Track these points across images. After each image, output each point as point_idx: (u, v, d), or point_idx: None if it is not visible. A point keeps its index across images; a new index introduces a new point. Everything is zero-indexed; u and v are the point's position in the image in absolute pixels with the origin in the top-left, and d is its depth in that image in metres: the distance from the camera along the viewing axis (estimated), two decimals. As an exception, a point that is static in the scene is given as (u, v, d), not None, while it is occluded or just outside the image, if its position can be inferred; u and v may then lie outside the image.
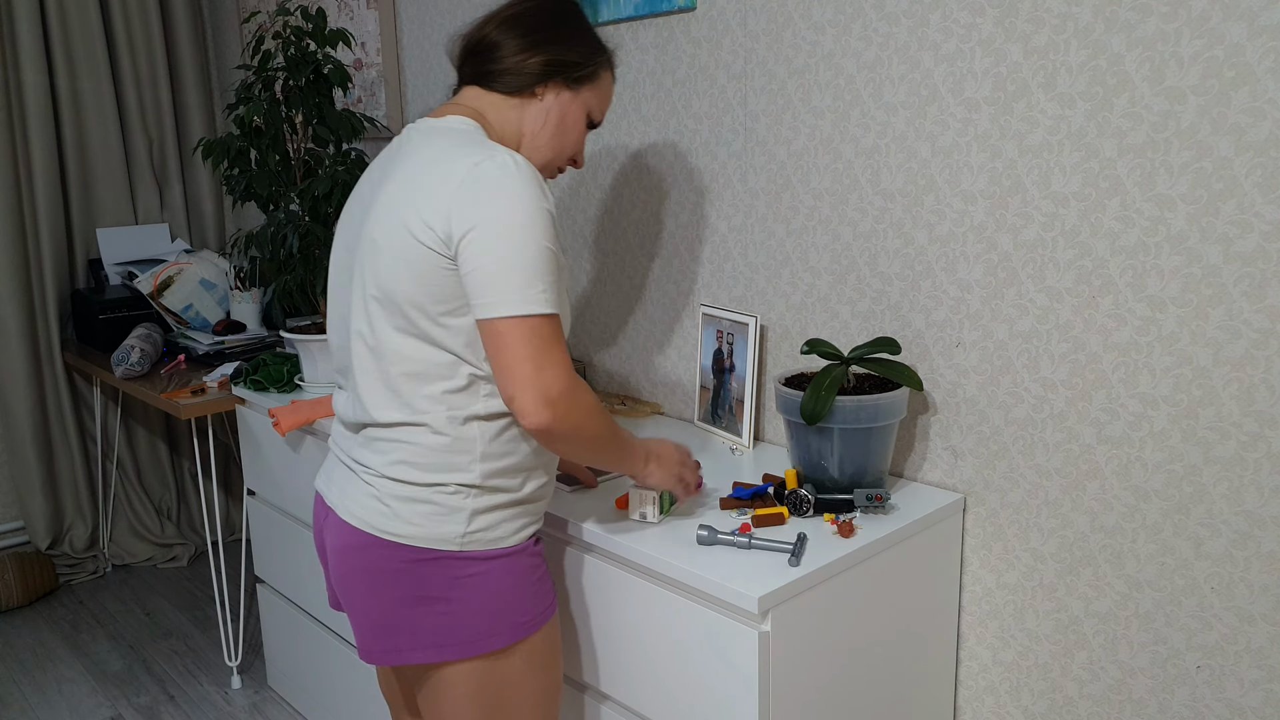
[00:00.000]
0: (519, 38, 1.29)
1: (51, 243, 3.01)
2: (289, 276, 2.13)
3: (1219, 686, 1.31)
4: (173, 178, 3.26)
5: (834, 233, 1.65)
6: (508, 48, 1.29)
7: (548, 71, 1.29)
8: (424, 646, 1.23)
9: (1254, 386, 1.22)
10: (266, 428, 2.18)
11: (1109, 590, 1.40)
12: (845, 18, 1.56)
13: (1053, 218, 1.37)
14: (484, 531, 1.23)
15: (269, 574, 2.36)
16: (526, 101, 1.30)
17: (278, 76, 2.18)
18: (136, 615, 2.96)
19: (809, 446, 1.46)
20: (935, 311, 1.53)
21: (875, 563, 1.37)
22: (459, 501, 1.22)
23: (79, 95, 3.05)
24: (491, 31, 1.30)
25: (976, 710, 1.60)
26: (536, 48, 1.28)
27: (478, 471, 1.22)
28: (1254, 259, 1.20)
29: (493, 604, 1.24)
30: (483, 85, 1.30)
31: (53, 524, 3.13)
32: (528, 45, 1.28)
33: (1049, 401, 1.41)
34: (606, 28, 1.97)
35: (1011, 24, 1.37)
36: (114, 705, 2.48)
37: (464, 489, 1.22)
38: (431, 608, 1.22)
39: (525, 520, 1.28)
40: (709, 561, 1.29)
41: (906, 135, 1.52)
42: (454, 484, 1.22)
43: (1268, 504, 1.23)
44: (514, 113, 1.30)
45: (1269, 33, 1.15)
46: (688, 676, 1.32)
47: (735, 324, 1.76)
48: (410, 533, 1.22)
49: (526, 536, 1.28)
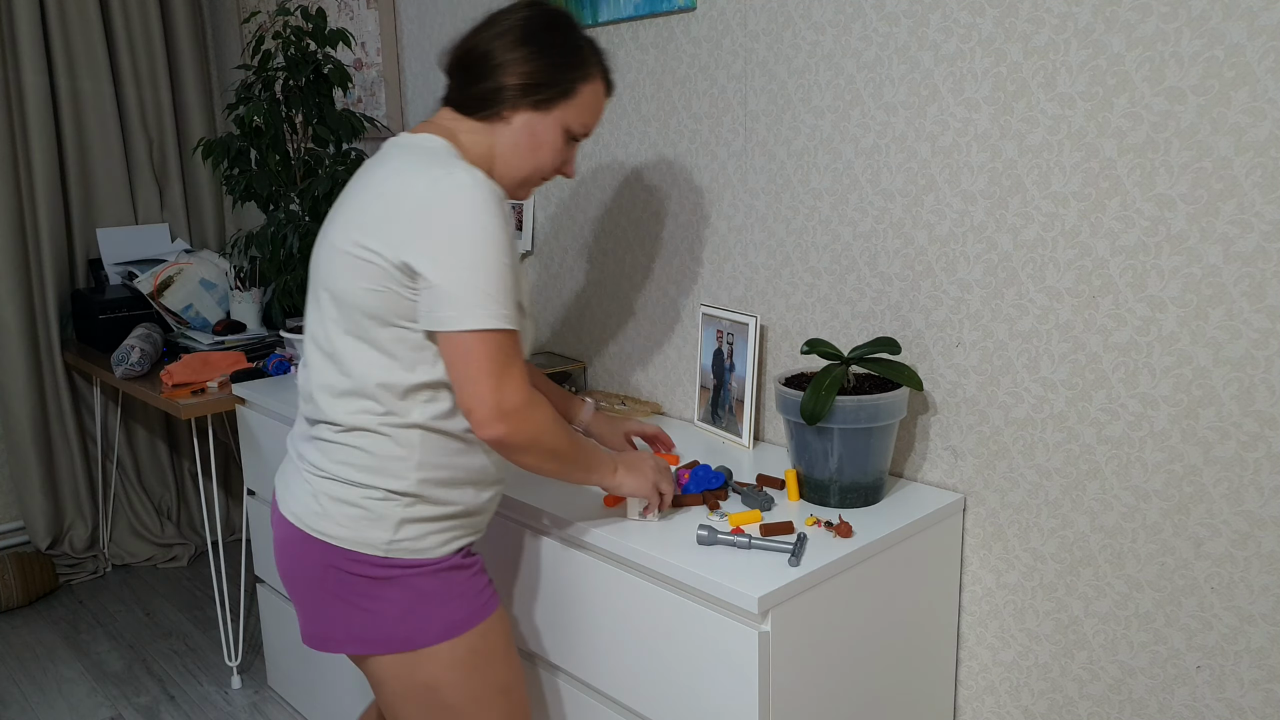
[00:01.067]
0: (484, 62, 1.28)
1: (51, 243, 3.01)
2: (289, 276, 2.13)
3: (1219, 686, 1.31)
4: (173, 178, 3.26)
5: (834, 233, 1.65)
6: (475, 72, 1.29)
7: (513, 96, 1.28)
8: (353, 640, 1.28)
9: (1254, 386, 1.22)
10: (267, 428, 2.19)
11: (1109, 590, 1.40)
12: (845, 18, 1.56)
13: (1053, 218, 1.37)
14: (411, 541, 1.26)
15: (269, 574, 2.36)
16: (494, 126, 1.30)
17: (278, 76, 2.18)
18: (136, 615, 2.96)
19: (809, 446, 1.46)
20: (935, 311, 1.53)
21: (875, 563, 1.37)
22: (387, 509, 1.25)
23: (79, 95, 3.05)
24: (461, 55, 1.31)
25: (976, 710, 1.60)
26: (501, 70, 1.27)
27: (413, 479, 1.25)
28: (1254, 259, 1.20)
29: (414, 607, 1.26)
30: (455, 108, 1.32)
31: (53, 524, 3.13)
32: (492, 70, 1.28)
33: (1049, 401, 1.41)
34: (606, 27, 1.97)
35: (1011, 24, 1.37)
36: (114, 705, 2.48)
37: (395, 496, 1.25)
38: (357, 604, 1.26)
39: (456, 533, 1.30)
40: (709, 561, 1.29)
41: (906, 135, 1.52)
42: (384, 489, 1.24)
43: (1268, 504, 1.23)
44: (484, 136, 1.31)
45: (1269, 33, 1.15)
46: (688, 676, 1.32)
47: (735, 324, 1.76)
48: (337, 533, 1.25)
49: (455, 549, 1.30)
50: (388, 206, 1.18)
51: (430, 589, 1.27)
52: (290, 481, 1.33)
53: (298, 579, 1.31)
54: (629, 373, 2.09)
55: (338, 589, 1.27)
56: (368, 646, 1.27)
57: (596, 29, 1.99)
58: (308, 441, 1.32)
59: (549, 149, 1.32)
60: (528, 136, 1.30)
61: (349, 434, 1.26)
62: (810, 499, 1.49)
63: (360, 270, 1.20)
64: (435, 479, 1.26)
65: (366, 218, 1.20)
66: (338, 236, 1.24)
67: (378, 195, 1.21)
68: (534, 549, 1.54)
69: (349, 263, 1.21)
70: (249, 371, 2.36)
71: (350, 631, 1.28)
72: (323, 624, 1.30)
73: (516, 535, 1.57)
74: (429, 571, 1.27)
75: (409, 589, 1.26)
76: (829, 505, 1.47)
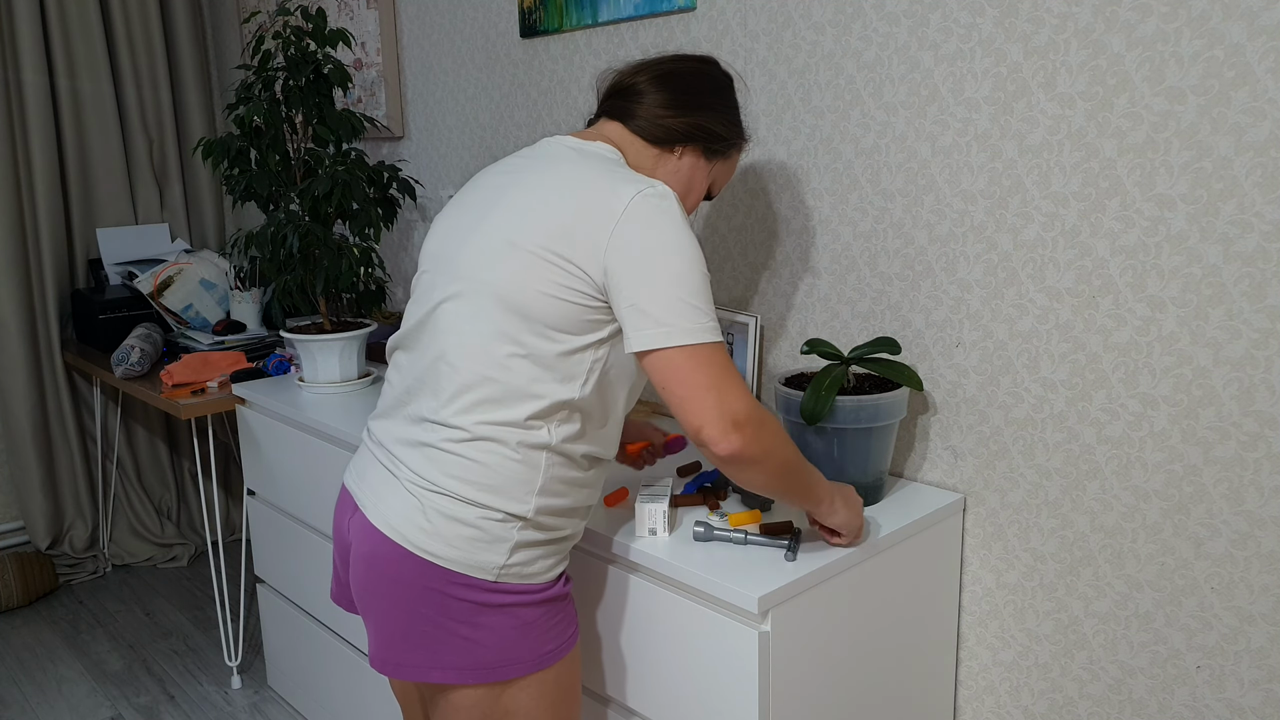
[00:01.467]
0: (672, 94, 1.30)
1: (51, 243, 3.01)
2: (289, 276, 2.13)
3: (1219, 686, 1.31)
4: (173, 178, 3.26)
5: (834, 233, 1.65)
6: (656, 99, 1.29)
7: (692, 134, 1.30)
8: (441, 667, 1.20)
9: (1254, 386, 1.22)
10: (267, 428, 2.19)
11: (1109, 590, 1.40)
12: (845, 18, 1.56)
13: (1053, 218, 1.37)
14: (521, 566, 1.20)
15: (269, 574, 2.36)
16: (664, 154, 1.31)
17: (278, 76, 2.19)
18: (136, 615, 2.96)
19: (809, 446, 1.46)
20: (935, 311, 1.53)
21: (875, 563, 1.37)
22: (504, 531, 1.18)
23: (79, 95, 3.05)
24: (644, 81, 1.31)
25: (976, 710, 1.60)
26: (687, 109, 1.30)
27: (532, 504, 1.19)
28: (1254, 259, 1.20)
29: (516, 635, 1.21)
30: (625, 124, 1.30)
31: (53, 524, 3.13)
32: (678, 104, 1.29)
33: (1049, 401, 1.42)
34: (606, 27, 1.97)
35: (1011, 24, 1.37)
36: (114, 705, 2.48)
37: (512, 519, 1.19)
38: (455, 631, 1.19)
39: (559, 558, 1.25)
40: (709, 561, 1.29)
41: (906, 135, 1.52)
42: (504, 512, 1.18)
43: (1268, 504, 1.23)
44: (649, 161, 1.30)
45: (1269, 33, 1.15)
46: (687, 676, 1.32)
47: (735, 324, 1.76)
48: (448, 554, 1.18)
49: (558, 575, 1.26)
50: (582, 211, 1.14)
51: (533, 618, 1.22)
52: (382, 490, 1.24)
53: (384, 597, 1.21)
54: (629, 373, 2.09)
55: (435, 613, 1.19)
56: (458, 675, 1.20)
57: (596, 29, 1.99)
58: (411, 447, 1.23)
59: (695, 194, 1.35)
60: (688, 177, 1.33)
61: (472, 445, 1.18)
62: (810, 499, 1.49)
63: (541, 273, 1.14)
64: (552, 506, 1.21)
65: (554, 219, 1.15)
66: (512, 232, 1.17)
67: (567, 196, 1.16)
68: (534, 549, 1.54)
69: (529, 262, 1.15)
70: (249, 371, 2.36)
71: (439, 658, 1.20)
72: (405, 649, 1.21)
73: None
74: (535, 599, 1.22)
75: (513, 617, 1.20)
76: (829, 505, 1.47)
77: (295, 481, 2.13)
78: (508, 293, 1.16)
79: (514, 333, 1.16)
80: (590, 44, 2.01)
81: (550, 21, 2.07)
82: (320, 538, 2.11)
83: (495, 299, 1.17)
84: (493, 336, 1.17)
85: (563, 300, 1.14)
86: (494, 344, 1.17)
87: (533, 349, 1.16)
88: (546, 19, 2.08)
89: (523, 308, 1.15)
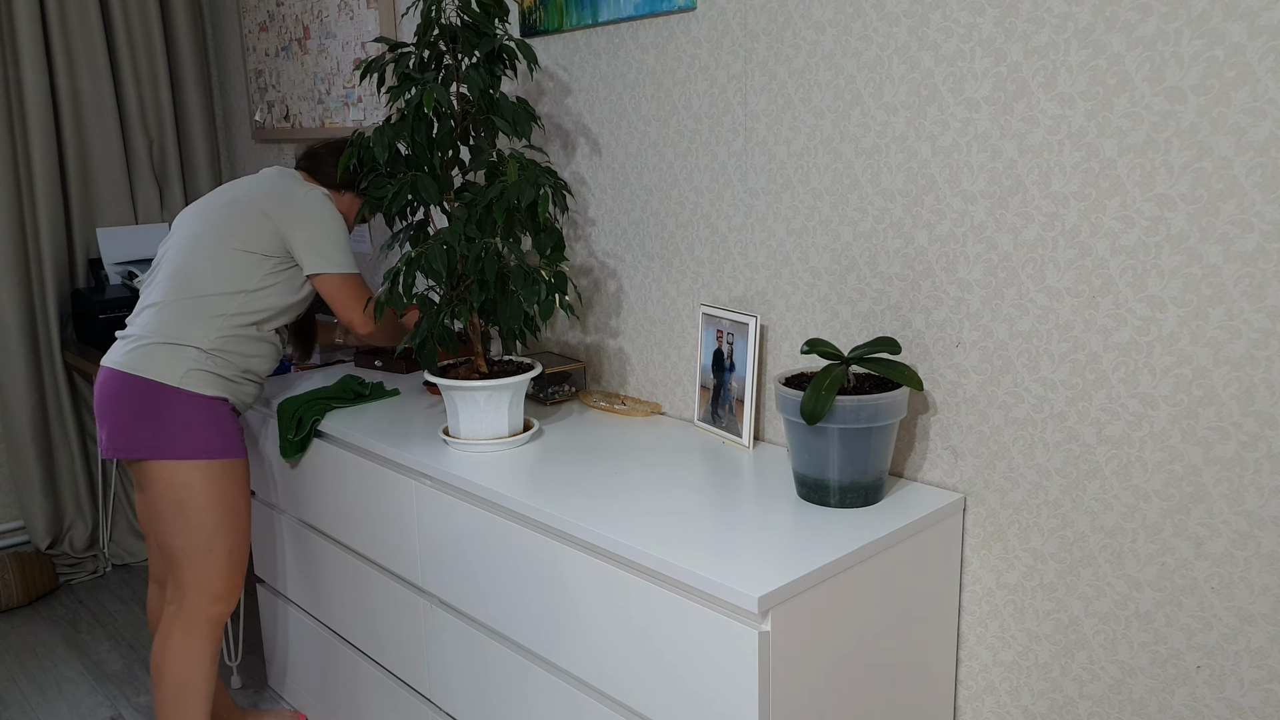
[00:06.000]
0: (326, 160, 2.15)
1: (51, 243, 3.01)
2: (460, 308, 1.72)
3: (1219, 686, 1.31)
4: (173, 178, 3.26)
5: (834, 233, 1.65)
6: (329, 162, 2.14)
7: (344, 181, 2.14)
8: (138, 448, 1.86)
9: (1254, 386, 1.22)
10: (266, 427, 2.18)
11: (1109, 590, 1.40)
12: (845, 18, 1.56)
13: (1053, 218, 1.37)
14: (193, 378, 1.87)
15: (269, 574, 2.36)
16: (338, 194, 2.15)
17: (444, 52, 1.76)
18: (136, 615, 2.96)
19: (809, 446, 1.46)
20: (935, 311, 1.53)
21: (875, 562, 1.37)
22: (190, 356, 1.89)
23: (79, 95, 3.05)
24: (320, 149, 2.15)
25: (976, 710, 1.60)
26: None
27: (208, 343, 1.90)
28: (1254, 259, 1.20)
29: (185, 427, 1.85)
30: (306, 172, 2.13)
31: (53, 524, 3.13)
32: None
33: (1049, 401, 1.42)
34: (606, 27, 1.97)
35: (1011, 24, 1.37)
36: (114, 705, 2.48)
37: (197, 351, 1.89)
38: (144, 420, 1.86)
39: (221, 388, 1.90)
40: (709, 561, 1.29)
41: (906, 135, 1.52)
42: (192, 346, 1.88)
43: (1268, 504, 1.23)
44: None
45: (1269, 33, 1.15)
46: (688, 676, 1.32)
47: (735, 324, 1.76)
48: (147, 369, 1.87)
49: (216, 395, 1.89)
50: (279, 197, 1.99)
51: (195, 418, 1.87)
52: None
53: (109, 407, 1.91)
54: (629, 373, 2.09)
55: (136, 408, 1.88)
56: (153, 452, 1.86)
57: (597, 29, 1.99)
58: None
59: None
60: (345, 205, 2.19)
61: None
62: (810, 499, 1.49)
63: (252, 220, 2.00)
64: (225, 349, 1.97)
65: (264, 197, 2.01)
66: (239, 193, 2.04)
67: (271, 188, 2.02)
68: (534, 548, 1.54)
69: (245, 211, 1.99)
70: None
71: (138, 443, 1.86)
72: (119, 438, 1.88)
73: (517, 535, 1.57)
74: (197, 402, 1.87)
75: (180, 414, 1.87)
76: (829, 505, 1.47)
77: (295, 482, 2.13)
78: (235, 229, 1.98)
79: (236, 245, 1.96)
80: (590, 44, 2.01)
81: (550, 21, 2.07)
82: (321, 538, 2.11)
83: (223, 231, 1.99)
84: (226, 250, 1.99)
85: (261, 236, 1.97)
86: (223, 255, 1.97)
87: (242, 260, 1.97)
88: (547, 19, 2.07)
89: (240, 239, 1.96)
